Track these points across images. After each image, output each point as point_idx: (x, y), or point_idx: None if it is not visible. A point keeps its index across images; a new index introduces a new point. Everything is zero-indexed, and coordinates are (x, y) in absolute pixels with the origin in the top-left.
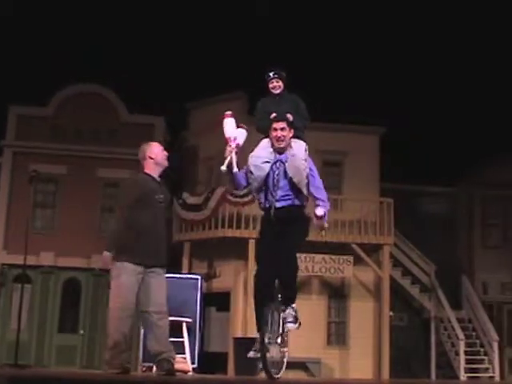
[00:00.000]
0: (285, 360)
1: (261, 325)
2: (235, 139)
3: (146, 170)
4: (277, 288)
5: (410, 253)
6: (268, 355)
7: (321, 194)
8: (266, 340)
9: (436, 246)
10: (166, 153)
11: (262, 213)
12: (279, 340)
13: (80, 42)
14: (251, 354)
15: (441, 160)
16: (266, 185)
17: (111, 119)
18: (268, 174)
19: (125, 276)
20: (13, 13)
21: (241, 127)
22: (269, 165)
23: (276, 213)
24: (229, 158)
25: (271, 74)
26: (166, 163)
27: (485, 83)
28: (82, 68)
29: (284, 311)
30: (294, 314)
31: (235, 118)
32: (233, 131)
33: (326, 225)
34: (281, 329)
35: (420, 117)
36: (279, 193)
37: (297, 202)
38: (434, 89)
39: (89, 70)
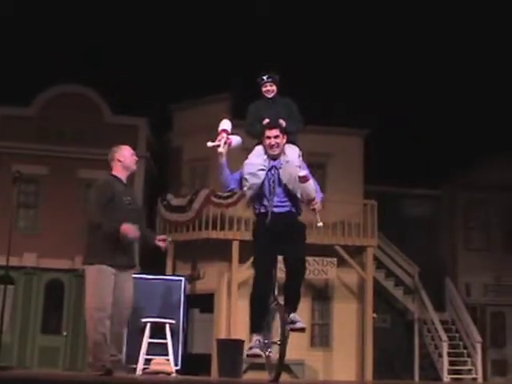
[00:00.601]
0: (271, 361)
1: (261, 327)
2: (228, 133)
3: (114, 172)
4: (274, 291)
5: (394, 255)
6: (269, 356)
7: (320, 198)
8: (267, 341)
9: (419, 248)
10: (135, 157)
11: (255, 219)
12: (278, 342)
13: (64, 42)
14: (251, 352)
15: (424, 162)
16: (261, 192)
17: (94, 120)
18: (263, 182)
19: (98, 277)
20: None
21: (236, 135)
22: (264, 172)
23: (273, 218)
24: (218, 143)
25: (265, 78)
26: (134, 167)
27: (468, 86)
28: (65, 68)
29: (288, 316)
30: (298, 318)
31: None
32: (228, 128)
33: (320, 206)
34: (284, 331)
35: (404, 119)
36: (276, 199)
37: (294, 210)
38: (418, 91)
39: (72, 71)
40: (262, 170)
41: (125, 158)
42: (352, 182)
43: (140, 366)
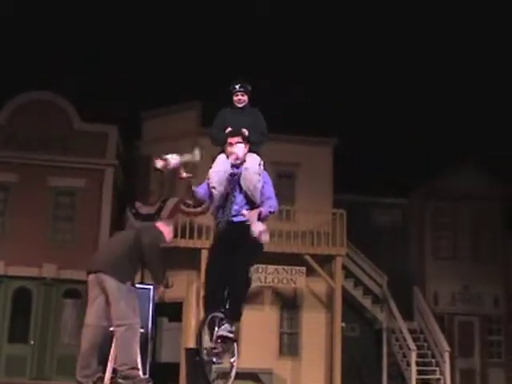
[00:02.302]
0: (233, 370)
1: (202, 334)
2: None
3: None
4: (224, 302)
5: (363, 264)
6: (214, 365)
7: (267, 203)
8: (215, 349)
9: (388, 256)
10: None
11: (215, 226)
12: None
13: (33, 49)
14: (197, 358)
15: (392, 171)
16: (223, 199)
17: (64, 127)
18: (225, 189)
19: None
20: None
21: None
22: (229, 179)
23: (230, 228)
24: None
25: (237, 87)
26: None
27: (435, 96)
28: (35, 75)
29: (223, 325)
30: (229, 328)
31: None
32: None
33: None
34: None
35: (372, 128)
36: (235, 207)
37: None
38: (386, 101)
39: (42, 78)
40: (228, 176)
41: None
42: (321, 191)
43: (108, 375)
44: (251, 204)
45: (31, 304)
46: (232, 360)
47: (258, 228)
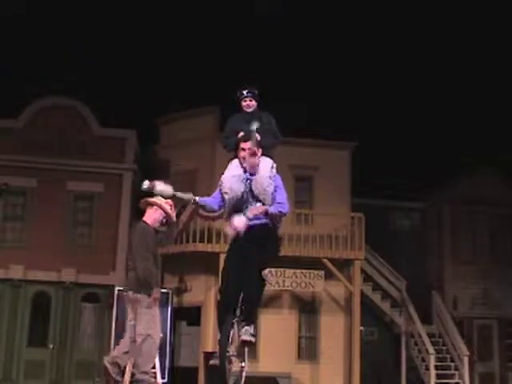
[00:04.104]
0: (243, 375)
1: (222, 338)
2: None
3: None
4: (239, 305)
5: (381, 268)
6: (229, 368)
7: (277, 207)
8: (229, 353)
9: (406, 260)
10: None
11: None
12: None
13: (52, 54)
14: (212, 361)
15: (411, 175)
16: (237, 204)
17: (82, 132)
18: (242, 194)
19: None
20: None
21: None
22: (243, 184)
23: (244, 232)
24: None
25: (244, 93)
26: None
27: (454, 99)
28: (53, 81)
29: (243, 327)
30: (251, 331)
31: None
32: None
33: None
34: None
35: (390, 132)
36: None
37: (265, 221)
38: (406, 105)
39: (60, 83)
40: (241, 181)
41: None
42: (339, 195)
43: (126, 379)
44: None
45: (50, 308)
46: (243, 364)
47: (242, 221)
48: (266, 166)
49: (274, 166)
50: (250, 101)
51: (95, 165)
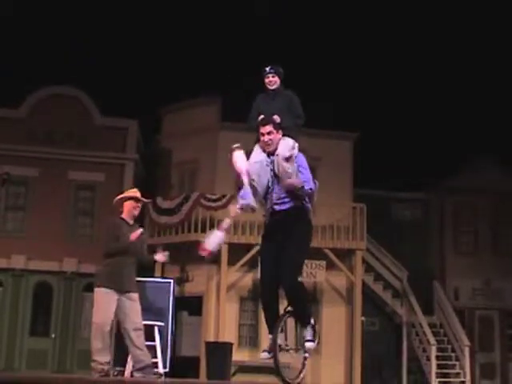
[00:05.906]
0: (304, 367)
1: (270, 328)
2: (247, 173)
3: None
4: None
5: (383, 258)
6: (281, 359)
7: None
8: (280, 344)
9: (408, 251)
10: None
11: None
12: (296, 348)
13: (53, 44)
14: (262, 355)
15: (413, 166)
16: (265, 190)
17: (84, 122)
18: (264, 179)
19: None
20: None
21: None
22: (268, 168)
23: (274, 218)
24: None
25: (267, 69)
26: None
27: (455, 91)
28: (55, 70)
29: (302, 330)
30: (312, 332)
31: (244, 150)
32: (244, 164)
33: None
34: (299, 341)
35: (393, 123)
36: (274, 196)
37: (294, 204)
38: (407, 95)
39: (62, 73)
40: (266, 166)
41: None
42: (341, 185)
43: (128, 368)
44: (290, 190)
45: (52, 298)
46: (305, 355)
47: (213, 241)
48: (284, 147)
49: (296, 145)
50: (273, 77)
51: (97, 154)
